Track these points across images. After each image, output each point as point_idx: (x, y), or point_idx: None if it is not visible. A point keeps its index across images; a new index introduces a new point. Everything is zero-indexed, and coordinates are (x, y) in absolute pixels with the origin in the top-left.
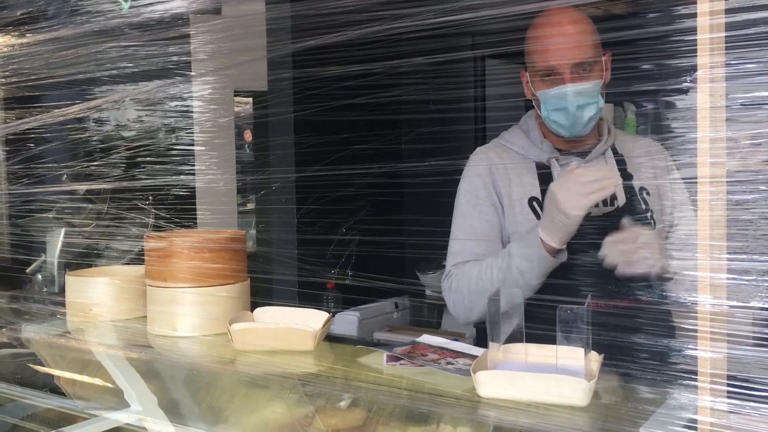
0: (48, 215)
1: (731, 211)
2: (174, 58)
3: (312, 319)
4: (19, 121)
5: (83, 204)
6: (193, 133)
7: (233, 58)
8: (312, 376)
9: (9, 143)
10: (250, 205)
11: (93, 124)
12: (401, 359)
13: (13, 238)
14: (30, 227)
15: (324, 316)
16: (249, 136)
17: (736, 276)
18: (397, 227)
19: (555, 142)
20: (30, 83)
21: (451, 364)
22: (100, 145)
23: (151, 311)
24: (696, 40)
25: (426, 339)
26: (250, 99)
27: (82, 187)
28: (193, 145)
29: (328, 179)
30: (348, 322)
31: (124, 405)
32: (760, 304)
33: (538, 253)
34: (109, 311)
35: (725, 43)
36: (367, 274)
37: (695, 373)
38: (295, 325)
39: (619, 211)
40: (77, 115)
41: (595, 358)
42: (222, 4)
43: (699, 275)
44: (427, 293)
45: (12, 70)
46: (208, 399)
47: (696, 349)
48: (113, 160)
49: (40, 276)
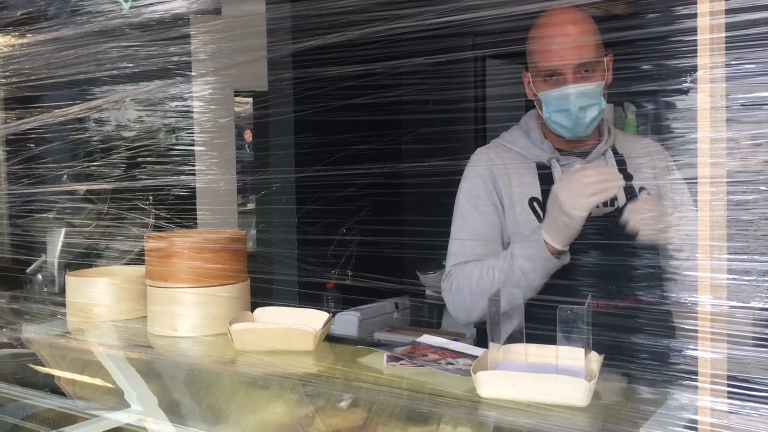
0: (48, 215)
1: (731, 211)
2: (174, 59)
3: (312, 320)
4: (20, 121)
5: (83, 204)
6: (194, 133)
7: (233, 58)
8: (312, 377)
9: (9, 143)
10: (251, 206)
11: (93, 125)
12: (401, 359)
13: (14, 238)
14: (30, 227)
15: (324, 316)
16: (249, 136)
17: (736, 276)
18: (398, 227)
19: (555, 142)
20: (30, 83)
21: (452, 365)
22: (101, 146)
23: (152, 311)
24: (696, 40)
25: (426, 339)
26: (251, 99)
27: (82, 187)
28: (194, 145)
29: (329, 179)
30: (348, 322)
31: (124, 405)
32: (761, 305)
33: (540, 254)
34: (110, 311)
35: (725, 43)
36: (367, 275)
37: (695, 373)
38: (296, 325)
39: (619, 212)
40: (77, 116)
41: (595, 359)
42: (222, 4)
43: (699, 275)
44: (427, 293)
45: (12, 70)
46: (208, 399)
47: (696, 349)
48: (113, 161)
49: (40, 276)
